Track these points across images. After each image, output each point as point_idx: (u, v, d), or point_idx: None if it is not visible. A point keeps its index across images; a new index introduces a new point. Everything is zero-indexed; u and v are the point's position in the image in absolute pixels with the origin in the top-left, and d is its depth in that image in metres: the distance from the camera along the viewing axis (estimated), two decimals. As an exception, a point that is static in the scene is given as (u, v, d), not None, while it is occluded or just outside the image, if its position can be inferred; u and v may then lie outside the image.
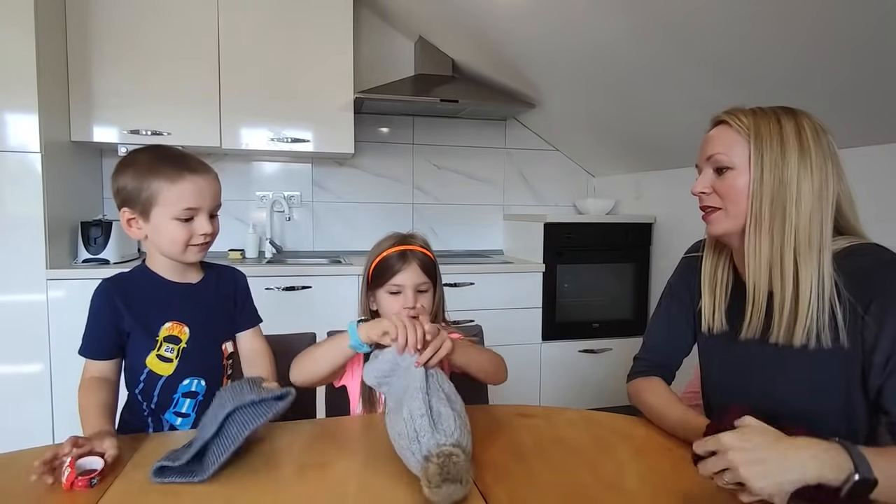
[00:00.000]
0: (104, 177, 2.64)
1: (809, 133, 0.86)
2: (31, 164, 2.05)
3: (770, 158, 0.87)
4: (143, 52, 2.35)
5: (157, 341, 1.06)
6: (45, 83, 2.08)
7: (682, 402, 1.03)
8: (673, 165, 2.66)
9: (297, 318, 2.28)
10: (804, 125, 0.87)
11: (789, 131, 0.87)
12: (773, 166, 0.87)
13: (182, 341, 1.08)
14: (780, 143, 0.87)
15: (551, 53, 2.31)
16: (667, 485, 0.83)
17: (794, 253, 0.86)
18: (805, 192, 0.85)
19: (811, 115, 0.90)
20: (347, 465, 0.89)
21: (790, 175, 0.86)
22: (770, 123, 0.88)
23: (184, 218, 1.03)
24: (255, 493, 0.79)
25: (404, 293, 1.16)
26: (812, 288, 0.85)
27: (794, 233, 0.86)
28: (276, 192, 2.85)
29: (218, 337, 1.15)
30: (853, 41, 1.42)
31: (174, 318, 1.08)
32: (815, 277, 0.85)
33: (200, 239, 1.06)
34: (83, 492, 0.78)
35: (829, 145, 0.88)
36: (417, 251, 1.20)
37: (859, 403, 0.88)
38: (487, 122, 3.15)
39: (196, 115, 2.43)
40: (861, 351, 0.85)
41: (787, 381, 0.92)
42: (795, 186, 0.85)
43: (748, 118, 0.90)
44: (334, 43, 2.56)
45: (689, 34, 1.74)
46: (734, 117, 0.92)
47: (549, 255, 2.71)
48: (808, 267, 0.85)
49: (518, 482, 0.83)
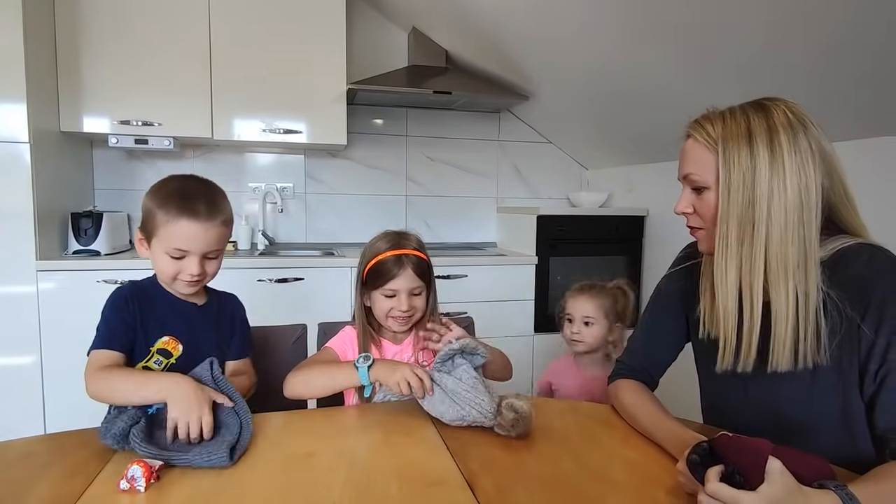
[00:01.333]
0: (94, 167, 2.62)
1: (784, 135, 0.79)
2: (19, 154, 2.03)
3: (738, 175, 0.81)
4: (133, 42, 2.33)
5: (150, 352, 1.07)
6: (34, 72, 2.06)
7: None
8: (665, 158, 2.67)
9: (289, 309, 2.28)
10: (776, 125, 0.80)
11: (760, 138, 0.80)
12: (742, 183, 0.80)
13: (173, 357, 1.08)
14: (748, 154, 0.80)
15: (545, 45, 2.30)
16: (652, 475, 0.85)
17: (765, 276, 0.81)
18: (777, 210, 0.79)
19: (790, 104, 0.82)
20: (336, 454, 0.89)
21: (761, 192, 0.79)
22: (739, 131, 0.81)
23: (174, 256, 1.05)
24: (242, 481, 0.80)
25: (398, 297, 1.20)
26: (787, 313, 0.80)
27: (765, 255, 0.80)
28: (269, 184, 2.84)
29: (210, 360, 1.14)
30: (838, 32, 1.43)
31: (172, 333, 1.09)
32: (792, 300, 0.80)
33: (188, 277, 1.07)
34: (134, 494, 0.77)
35: (812, 140, 0.80)
36: (412, 255, 1.22)
37: (860, 410, 0.85)
38: (481, 114, 3.14)
39: (187, 105, 2.41)
40: (857, 358, 0.82)
41: (785, 390, 0.88)
42: (766, 204, 0.79)
43: (716, 127, 0.84)
44: (327, 33, 2.54)
45: (682, 28, 1.74)
46: (701, 129, 0.86)
47: (542, 247, 2.72)
48: (783, 291, 0.80)
49: (505, 471, 0.84)
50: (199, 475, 0.81)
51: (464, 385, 1.00)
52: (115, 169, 2.65)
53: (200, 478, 0.81)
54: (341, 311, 2.39)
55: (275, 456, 0.89)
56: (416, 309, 1.24)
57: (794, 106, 0.83)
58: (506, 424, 0.94)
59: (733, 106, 0.86)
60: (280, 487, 0.79)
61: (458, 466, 0.85)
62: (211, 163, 2.79)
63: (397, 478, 0.82)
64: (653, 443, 0.94)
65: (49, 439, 0.98)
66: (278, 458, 0.88)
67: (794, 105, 0.83)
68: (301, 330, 1.44)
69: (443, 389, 1.01)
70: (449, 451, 0.91)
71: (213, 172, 2.78)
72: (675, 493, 0.78)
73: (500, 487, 0.79)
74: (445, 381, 1.01)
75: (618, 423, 1.04)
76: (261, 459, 0.88)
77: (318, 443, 0.94)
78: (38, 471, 0.83)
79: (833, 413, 0.86)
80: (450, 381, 1.01)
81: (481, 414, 0.96)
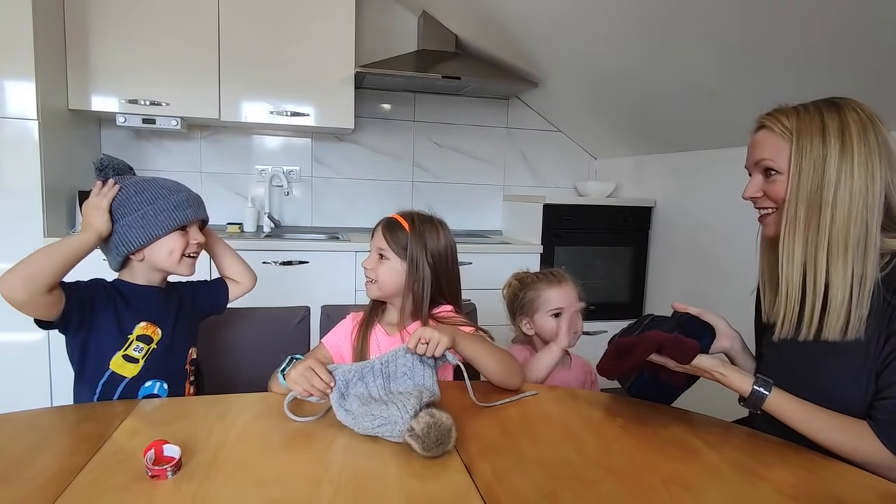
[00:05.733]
0: (102, 146, 2.63)
1: (854, 129, 0.86)
2: (28, 131, 2.03)
3: (809, 162, 0.88)
4: (141, 21, 2.32)
5: (129, 340, 1.08)
6: (42, 50, 2.06)
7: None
8: (675, 149, 2.64)
9: (294, 292, 2.28)
10: (849, 121, 0.87)
11: (832, 131, 0.87)
12: (813, 170, 0.88)
13: (153, 341, 1.11)
14: (821, 144, 0.87)
15: (555, 32, 2.27)
16: (651, 462, 0.85)
17: (827, 255, 0.88)
18: (843, 195, 0.86)
19: (860, 104, 0.89)
20: (335, 435, 0.90)
21: (829, 178, 0.87)
22: (813, 124, 0.89)
23: (180, 229, 1.13)
24: (241, 459, 0.81)
25: (371, 254, 1.23)
26: (844, 288, 0.87)
27: (828, 235, 0.87)
28: (276, 167, 2.83)
29: (185, 340, 1.18)
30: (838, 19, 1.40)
31: (148, 318, 1.11)
32: (849, 278, 0.87)
33: (195, 248, 1.15)
34: (164, 481, 0.74)
35: (878, 136, 0.87)
36: (392, 218, 1.22)
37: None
38: (490, 100, 3.11)
39: (195, 85, 2.41)
40: (883, 338, 0.87)
41: (826, 372, 0.92)
42: (833, 189, 0.86)
43: (791, 120, 0.91)
44: (336, 15, 2.52)
45: (694, 17, 1.71)
46: (776, 121, 0.93)
47: (548, 236, 2.71)
48: (841, 268, 0.87)
49: (503, 456, 0.85)
50: (197, 445, 0.82)
51: (378, 393, 0.93)
52: (123, 148, 2.65)
53: (198, 447, 0.82)
54: (346, 294, 2.40)
55: (274, 435, 0.89)
56: (376, 274, 1.19)
57: (864, 105, 0.89)
58: (417, 429, 0.82)
59: (805, 102, 0.93)
60: (279, 466, 0.80)
61: (457, 450, 0.85)
62: (218, 144, 2.79)
63: (395, 460, 0.82)
64: (651, 431, 0.95)
65: (54, 412, 0.99)
66: (277, 437, 0.89)
67: (864, 104, 0.90)
68: (304, 312, 1.45)
69: (348, 397, 0.94)
70: (448, 434, 0.91)
71: (220, 154, 2.80)
72: (672, 481, 0.78)
73: (498, 472, 0.80)
74: (359, 389, 0.94)
75: (618, 412, 1.04)
76: (260, 438, 0.88)
77: (316, 424, 0.94)
78: (42, 442, 0.84)
79: (860, 385, 0.90)
80: (363, 389, 0.94)
81: (386, 425, 0.86)
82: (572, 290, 1.40)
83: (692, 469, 0.83)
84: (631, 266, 2.88)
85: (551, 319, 1.36)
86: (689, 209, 2.56)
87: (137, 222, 1.07)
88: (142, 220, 1.07)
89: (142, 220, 1.07)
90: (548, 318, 1.37)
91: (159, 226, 1.08)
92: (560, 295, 1.37)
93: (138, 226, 1.07)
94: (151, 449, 0.76)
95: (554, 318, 1.36)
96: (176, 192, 1.12)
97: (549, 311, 1.37)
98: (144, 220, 1.07)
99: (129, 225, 1.07)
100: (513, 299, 1.44)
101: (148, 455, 0.75)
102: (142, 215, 1.07)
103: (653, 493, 0.75)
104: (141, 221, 1.07)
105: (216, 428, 0.91)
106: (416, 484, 0.76)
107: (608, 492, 0.76)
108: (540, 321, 1.38)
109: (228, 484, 0.74)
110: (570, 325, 1.35)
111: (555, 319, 1.36)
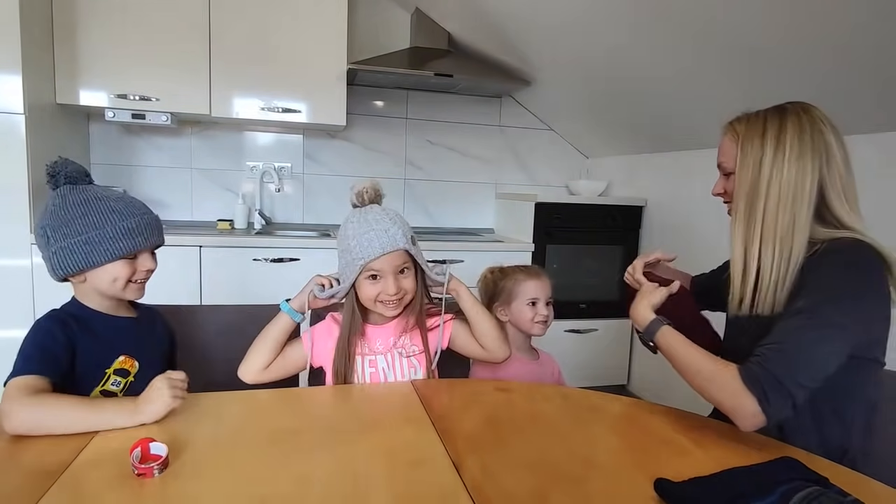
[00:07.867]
0: (91, 142, 2.60)
1: (791, 131, 0.96)
2: (14, 125, 2.01)
3: (749, 161, 1.00)
4: (131, 14, 2.29)
5: (107, 374, 1.03)
6: (29, 42, 2.03)
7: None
8: (666, 149, 2.66)
9: (284, 290, 2.26)
10: (787, 124, 0.97)
11: (771, 133, 0.98)
12: (752, 168, 0.99)
13: (131, 374, 1.06)
14: (760, 146, 0.98)
15: (549, 30, 2.28)
16: (639, 460, 0.85)
17: (760, 241, 0.99)
18: (774, 190, 0.97)
19: (809, 108, 0.98)
20: (323, 431, 0.90)
21: (764, 174, 0.98)
22: (755, 128, 1.00)
23: (128, 257, 1.04)
24: (229, 456, 0.81)
25: (385, 279, 1.14)
26: (772, 271, 0.97)
27: (762, 224, 0.98)
28: (267, 163, 2.82)
29: (162, 372, 1.09)
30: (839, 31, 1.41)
31: (126, 351, 1.06)
32: (777, 261, 0.97)
33: (143, 275, 1.07)
34: (151, 479, 0.74)
35: (817, 137, 0.95)
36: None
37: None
38: (482, 98, 3.11)
39: (185, 81, 2.39)
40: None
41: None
42: (766, 184, 0.97)
43: (741, 125, 1.03)
44: (328, 11, 2.50)
45: (687, 17, 1.72)
46: (731, 127, 1.05)
47: (539, 234, 2.71)
48: (770, 253, 0.98)
49: (491, 454, 0.85)
50: (184, 443, 0.82)
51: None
52: (112, 144, 2.63)
53: (185, 445, 0.81)
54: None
55: (262, 433, 0.89)
56: (406, 291, 1.15)
57: (811, 108, 0.99)
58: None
59: (760, 109, 1.03)
60: (267, 464, 0.80)
61: (445, 447, 0.85)
62: (208, 140, 2.77)
63: (383, 456, 0.83)
64: (639, 429, 0.95)
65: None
66: (265, 434, 0.89)
67: (811, 108, 0.99)
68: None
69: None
70: (436, 430, 0.91)
71: (211, 150, 2.78)
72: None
73: (485, 469, 0.80)
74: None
75: (607, 410, 1.05)
76: (248, 436, 0.88)
77: (304, 420, 0.94)
78: (28, 439, 0.83)
79: None
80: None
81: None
82: (547, 283, 1.49)
83: (679, 467, 0.84)
84: (622, 265, 2.89)
85: (527, 308, 1.45)
86: (679, 209, 2.58)
87: (79, 247, 0.98)
88: (84, 246, 0.98)
89: (84, 246, 0.98)
90: (524, 306, 1.45)
91: (102, 254, 0.99)
92: (538, 286, 1.46)
93: (80, 251, 0.98)
94: (138, 447, 0.76)
95: (529, 307, 1.45)
96: (128, 216, 1.01)
97: (526, 299, 1.45)
98: (88, 247, 0.98)
99: (70, 249, 0.98)
100: (492, 287, 1.51)
101: (135, 453, 0.75)
102: (84, 241, 0.98)
103: (640, 491, 0.76)
104: (84, 247, 0.98)
105: (203, 426, 0.90)
106: (405, 481, 0.76)
107: (596, 489, 0.77)
108: (516, 309, 1.46)
109: (216, 481, 0.74)
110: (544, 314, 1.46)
111: (530, 308, 1.45)
